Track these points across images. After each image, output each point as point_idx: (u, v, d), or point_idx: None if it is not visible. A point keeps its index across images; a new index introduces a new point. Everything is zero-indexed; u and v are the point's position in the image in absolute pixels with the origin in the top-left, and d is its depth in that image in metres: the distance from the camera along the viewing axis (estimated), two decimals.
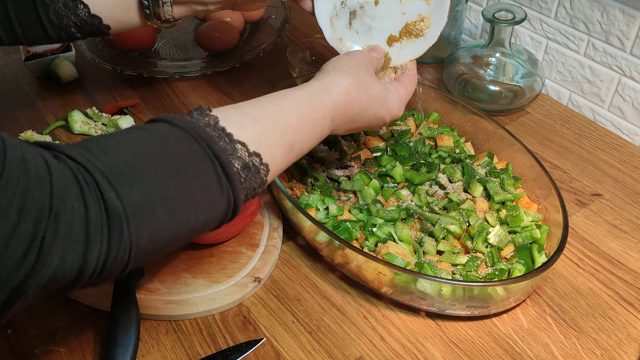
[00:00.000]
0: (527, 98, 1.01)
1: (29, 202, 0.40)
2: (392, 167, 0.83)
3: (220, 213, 0.52)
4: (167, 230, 0.48)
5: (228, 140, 0.52)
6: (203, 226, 0.52)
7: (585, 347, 0.69)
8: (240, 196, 0.52)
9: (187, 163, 0.49)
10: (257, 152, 0.54)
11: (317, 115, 0.62)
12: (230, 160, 0.51)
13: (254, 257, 0.77)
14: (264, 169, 0.55)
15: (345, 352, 0.68)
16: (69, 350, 0.68)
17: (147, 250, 0.47)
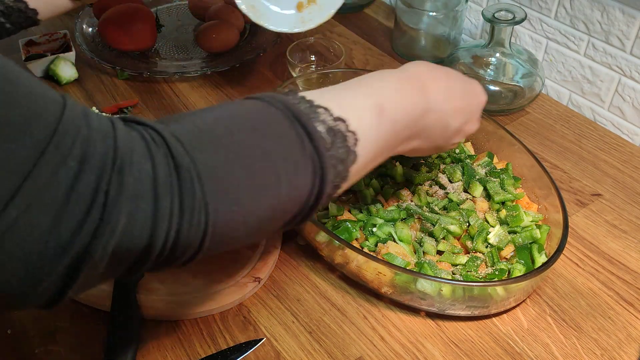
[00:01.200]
0: (527, 98, 1.01)
1: (90, 152, 0.37)
2: (392, 167, 0.83)
3: (306, 181, 0.47)
4: (247, 194, 0.44)
5: (309, 105, 0.49)
6: (288, 195, 0.47)
7: (585, 347, 0.69)
8: (326, 163, 0.48)
9: (264, 123, 0.46)
10: (341, 117, 0.50)
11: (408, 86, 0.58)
12: (311, 122, 0.48)
13: (254, 257, 0.77)
14: (351, 136, 0.50)
15: (345, 352, 0.68)
16: (69, 350, 0.68)
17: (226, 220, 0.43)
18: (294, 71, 1.05)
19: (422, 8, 1.09)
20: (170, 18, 1.25)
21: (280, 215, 0.48)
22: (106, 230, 0.37)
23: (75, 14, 1.23)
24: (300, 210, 0.49)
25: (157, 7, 1.26)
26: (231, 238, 0.45)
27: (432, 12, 1.08)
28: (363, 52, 1.16)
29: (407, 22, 1.12)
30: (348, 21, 1.25)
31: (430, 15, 1.08)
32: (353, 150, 0.50)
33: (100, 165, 0.37)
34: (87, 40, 1.13)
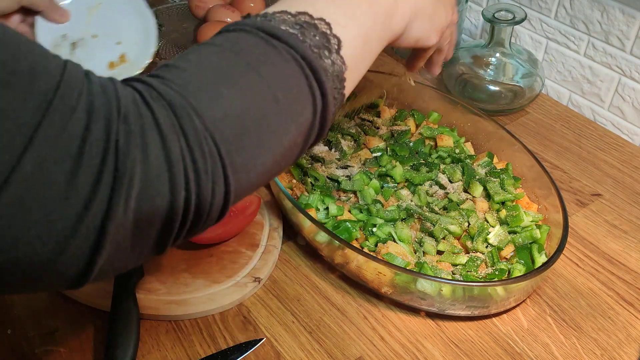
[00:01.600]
0: (527, 98, 1.01)
1: (96, 103, 0.37)
2: (392, 167, 0.83)
3: (294, 74, 0.46)
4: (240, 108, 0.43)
5: (265, 17, 0.48)
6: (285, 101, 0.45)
7: (585, 347, 0.69)
8: (307, 52, 0.46)
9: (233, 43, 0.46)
10: (300, 11, 0.49)
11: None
12: (272, 24, 0.47)
13: (254, 257, 0.77)
14: (320, 22, 0.49)
15: (345, 352, 0.68)
16: (69, 350, 0.68)
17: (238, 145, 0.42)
18: None
19: None
20: (170, 18, 1.25)
21: (294, 118, 0.46)
22: (124, 181, 0.36)
23: None
24: (313, 107, 0.47)
25: (157, 7, 1.26)
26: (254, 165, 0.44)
27: None
28: None
29: None
30: None
31: None
32: (331, 34, 0.49)
33: (107, 115, 0.37)
34: None
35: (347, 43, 0.50)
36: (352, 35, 0.51)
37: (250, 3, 1.17)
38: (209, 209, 0.42)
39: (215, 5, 1.16)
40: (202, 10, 1.18)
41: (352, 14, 0.52)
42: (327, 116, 0.49)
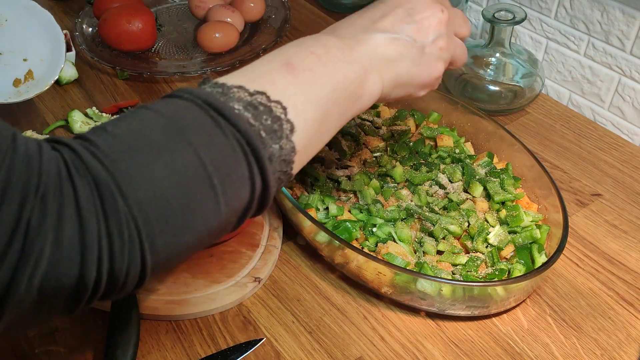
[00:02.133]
0: (527, 98, 1.01)
1: (13, 180, 0.35)
2: (392, 167, 0.83)
3: (238, 162, 0.44)
4: (171, 192, 0.41)
5: (221, 89, 0.46)
6: (221, 187, 0.43)
7: (585, 347, 0.69)
8: (253, 138, 0.44)
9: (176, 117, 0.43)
10: (258, 90, 0.46)
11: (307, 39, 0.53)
12: (225, 103, 0.45)
13: (254, 257, 0.77)
14: (276, 105, 0.46)
15: (345, 352, 0.68)
16: (69, 350, 0.68)
17: (161, 227, 0.40)
18: None
19: None
20: (170, 18, 1.25)
21: (228, 202, 0.44)
22: (29, 262, 0.35)
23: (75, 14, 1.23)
24: (250, 193, 0.45)
25: (157, 7, 1.26)
26: (176, 248, 0.42)
27: None
28: None
29: None
30: None
31: None
32: (285, 118, 0.47)
33: (23, 192, 0.36)
34: (87, 40, 1.13)
35: (301, 127, 0.48)
36: (309, 118, 0.49)
37: (250, 3, 1.18)
38: (122, 285, 0.40)
39: (215, 5, 1.16)
40: (202, 10, 1.18)
41: (313, 98, 0.50)
42: (266, 198, 0.47)
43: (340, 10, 1.28)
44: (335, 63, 0.52)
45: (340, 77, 0.52)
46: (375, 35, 0.55)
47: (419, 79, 0.58)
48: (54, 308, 0.39)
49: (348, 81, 0.52)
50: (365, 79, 0.54)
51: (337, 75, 0.52)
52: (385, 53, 0.55)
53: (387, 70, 0.55)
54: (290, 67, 0.50)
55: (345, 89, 0.52)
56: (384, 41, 0.55)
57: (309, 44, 0.53)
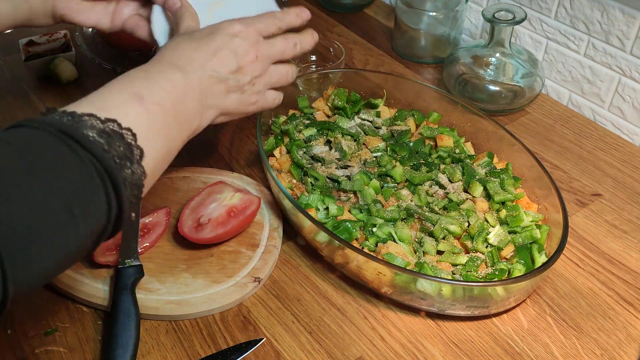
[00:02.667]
0: (527, 98, 1.01)
1: None
2: (392, 167, 0.83)
3: (94, 188, 0.46)
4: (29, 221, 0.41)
5: (71, 117, 0.47)
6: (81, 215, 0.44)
7: (585, 347, 0.69)
8: (109, 164, 0.46)
9: (31, 149, 0.44)
10: (109, 117, 0.49)
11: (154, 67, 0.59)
12: (79, 130, 0.46)
13: (254, 257, 0.77)
14: (127, 132, 0.50)
15: (345, 352, 0.68)
16: (69, 350, 0.68)
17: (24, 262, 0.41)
18: None
19: (422, 8, 1.09)
20: None
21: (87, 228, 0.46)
22: None
23: None
24: (107, 217, 0.47)
25: None
26: (37, 276, 0.43)
27: (432, 12, 1.08)
28: (363, 52, 1.16)
29: (407, 22, 1.12)
30: (348, 21, 1.25)
31: (430, 15, 1.08)
32: (135, 144, 0.50)
33: None
34: (87, 40, 1.13)
35: (150, 154, 0.52)
36: (157, 147, 0.54)
37: None
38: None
39: None
40: None
41: (160, 129, 0.55)
42: (120, 221, 0.49)
43: (340, 10, 1.28)
44: (180, 100, 0.59)
45: (184, 112, 0.59)
46: (211, 74, 0.63)
47: (241, 111, 0.68)
48: None
49: (190, 116, 0.61)
50: (202, 113, 0.63)
51: (182, 111, 0.59)
52: (216, 91, 0.64)
53: (216, 106, 0.65)
54: (139, 100, 0.54)
55: (188, 123, 0.60)
56: (216, 81, 0.64)
57: (156, 77, 0.58)
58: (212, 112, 0.64)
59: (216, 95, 0.64)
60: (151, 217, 0.79)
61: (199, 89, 0.62)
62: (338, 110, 0.94)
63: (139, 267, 0.72)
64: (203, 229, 0.76)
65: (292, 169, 0.84)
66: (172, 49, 0.63)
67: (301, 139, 0.88)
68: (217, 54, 0.64)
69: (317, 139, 0.88)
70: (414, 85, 0.95)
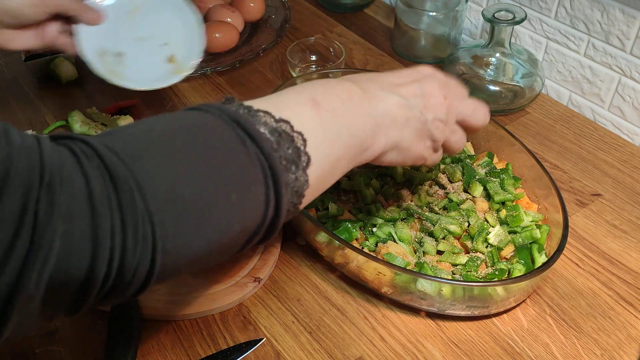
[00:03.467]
0: (527, 98, 1.01)
1: (12, 170, 0.34)
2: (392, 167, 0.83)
3: (257, 183, 0.44)
4: (189, 195, 0.40)
5: (247, 110, 0.47)
6: (237, 202, 0.43)
7: (585, 347, 0.69)
8: (276, 164, 0.45)
9: (203, 128, 0.44)
10: (283, 118, 0.48)
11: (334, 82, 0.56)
12: (252, 124, 0.45)
13: (254, 257, 0.77)
14: (298, 136, 0.48)
15: (345, 352, 0.68)
16: (69, 350, 0.68)
17: (176, 231, 0.39)
18: (294, 71, 1.05)
19: (422, 8, 1.09)
20: None
21: (232, 217, 0.44)
22: (39, 256, 0.34)
23: None
24: (263, 215, 0.46)
25: None
26: (185, 254, 0.41)
27: (432, 12, 1.08)
28: (363, 52, 1.16)
29: (407, 22, 1.12)
30: (348, 21, 1.25)
31: (430, 15, 1.08)
32: (304, 150, 0.48)
33: (25, 183, 0.34)
34: None
35: (317, 163, 0.50)
36: (324, 157, 0.51)
37: (251, 3, 1.18)
38: (127, 285, 0.39)
39: (215, 5, 1.16)
40: (202, 10, 1.18)
41: (330, 138, 0.52)
42: (275, 226, 0.48)
43: (340, 10, 1.28)
44: (354, 112, 0.55)
45: (357, 126, 0.55)
46: (392, 96, 0.58)
47: (414, 150, 0.61)
48: (60, 306, 0.38)
49: (362, 131, 0.55)
50: (376, 133, 0.57)
51: (354, 124, 0.55)
52: (396, 115, 0.58)
53: (393, 131, 0.58)
54: (315, 104, 0.52)
55: (358, 137, 0.55)
56: (398, 104, 0.58)
57: (333, 86, 0.56)
58: (387, 138, 0.58)
59: (394, 120, 0.58)
60: None
61: (376, 105, 0.57)
62: None
63: None
64: None
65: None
66: (349, 77, 0.60)
67: None
68: (403, 84, 0.60)
69: None
70: None
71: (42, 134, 0.95)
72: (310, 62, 1.09)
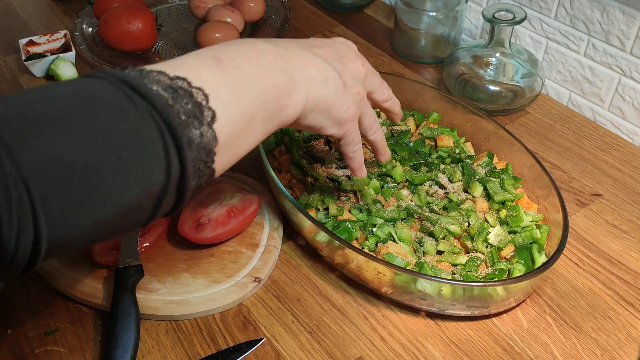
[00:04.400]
0: (527, 98, 1.01)
1: None
2: (392, 167, 0.83)
3: (150, 136, 0.43)
4: (69, 157, 0.39)
5: (139, 72, 0.45)
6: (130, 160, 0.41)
7: (585, 347, 0.69)
8: (172, 119, 0.43)
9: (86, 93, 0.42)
10: (179, 75, 0.46)
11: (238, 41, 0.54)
12: (142, 82, 0.44)
13: (254, 257, 0.77)
14: (198, 91, 0.46)
15: (345, 352, 0.68)
16: (69, 350, 0.68)
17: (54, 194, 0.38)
18: None
19: (422, 8, 1.09)
20: (170, 18, 1.25)
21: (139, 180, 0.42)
22: None
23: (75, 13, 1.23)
24: (166, 174, 0.44)
25: (157, 7, 1.26)
26: (78, 221, 0.40)
27: (432, 12, 1.08)
28: (363, 52, 1.15)
29: (407, 22, 1.12)
30: (348, 21, 1.25)
31: (430, 15, 1.08)
32: (207, 105, 0.46)
33: None
34: (87, 40, 1.13)
35: (224, 119, 0.48)
36: (233, 113, 0.49)
37: (250, 3, 1.18)
38: (11, 257, 0.38)
39: (215, 5, 1.16)
40: (202, 10, 1.18)
41: (239, 93, 0.50)
42: (185, 186, 0.46)
43: (340, 10, 1.28)
44: (265, 67, 0.53)
45: (269, 82, 0.53)
46: (310, 55, 0.58)
47: (336, 110, 0.60)
48: None
49: (276, 87, 0.54)
50: (293, 89, 0.55)
51: (265, 79, 0.53)
52: (314, 73, 0.57)
53: (313, 89, 0.57)
54: (217, 61, 0.50)
55: (272, 93, 0.53)
56: (316, 63, 0.58)
57: (241, 46, 0.54)
58: (307, 96, 0.56)
59: (313, 78, 0.57)
60: None
61: (291, 62, 0.56)
62: None
63: (139, 267, 0.72)
64: (203, 229, 0.76)
65: (292, 169, 0.84)
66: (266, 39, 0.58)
67: (301, 139, 0.88)
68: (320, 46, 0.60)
69: (317, 139, 0.88)
70: (414, 85, 0.95)
71: None
72: None
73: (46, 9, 1.29)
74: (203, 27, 1.12)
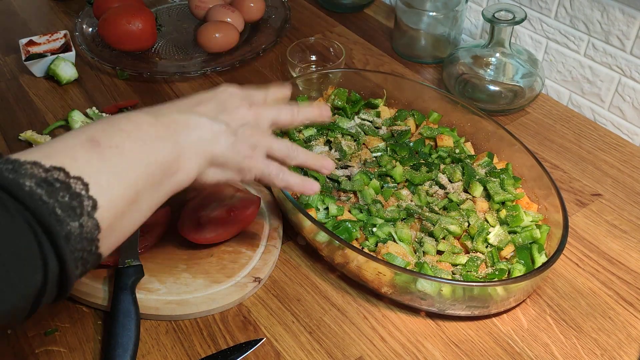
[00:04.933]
0: (527, 98, 1.01)
1: None
2: (392, 167, 0.83)
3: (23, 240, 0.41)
4: None
5: (11, 166, 0.44)
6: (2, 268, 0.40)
7: (585, 347, 0.69)
8: (46, 217, 0.42)
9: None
10: (55, 165, 0.44)
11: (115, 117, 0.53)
12: (12, 180, 0.42)
13: (254, 257, 0.77)
14: (76, 181, 0.45)
15: (345, 352, 0.68)
16: (69, 350, 0.68)
17: None
18: (294, 71, 1.05)
19: (422, 8, 1.09)
20: (170, 18, 1.25)
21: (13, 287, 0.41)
22: None
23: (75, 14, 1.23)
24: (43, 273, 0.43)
25: (157, 7, 1.26)
26: None
27: (432, 12, 1.08)
28: (363, 52, 1.16)
29: (407, 22, 1.12)
30: (348, 21, 1.25)
31: (430, 15, 1.08)
32: (87, 195, 0.45)
33: None
34: (87, 40, 1.13)
35: (106, 204, 0.47)
36: (115, 195, 0.48)
37: (250, 3, 1.18)
38: None
39: (215, 5, 1.16)
40: (202, 10, 1.18)
41: (121, 173, 0.49)
42: (67, 278, 0.45)
43: (340, 10, 1.28)
44: (146, 140, 0.52)
45: (151, 154, 0.52)
46: (192, 116, 0.57)
47: (234, 162, 0.60)
48: None
49: (160, 157, 0.53)
50: (181, 155, 0.55)
51: (148, 152, 0.52)
52: (200, 133, 0.57)
53: (202, 149, 0.57)
54: (94, 144, 0.49)
55: (157, 165, 0.52)
56: (200, 123, 0.57)
57: (118, 121, 0.53)
58: (197, 158, 0.56)
59: (199, 138, 0.56)
60: (151, 216, 0.79)
61: (173, 128, 0.55)
62: (338, 110, 0.94)
63: (139, 267, 0.72)
64: (203, 229, 0.76)
65: (292, 169, 0.84)
66: (145, 109, 0.57)
67: (301, 139, 0.88)
68: (201, 102, 0.60)
69: (317, 139, 0.88)
70: (414, 85, 0.95)
71: (43, 136, 0.95)
72: (310, 62, 1.09)
73: (46, 9, 1.29)
74: (203, 27, 1.12)
